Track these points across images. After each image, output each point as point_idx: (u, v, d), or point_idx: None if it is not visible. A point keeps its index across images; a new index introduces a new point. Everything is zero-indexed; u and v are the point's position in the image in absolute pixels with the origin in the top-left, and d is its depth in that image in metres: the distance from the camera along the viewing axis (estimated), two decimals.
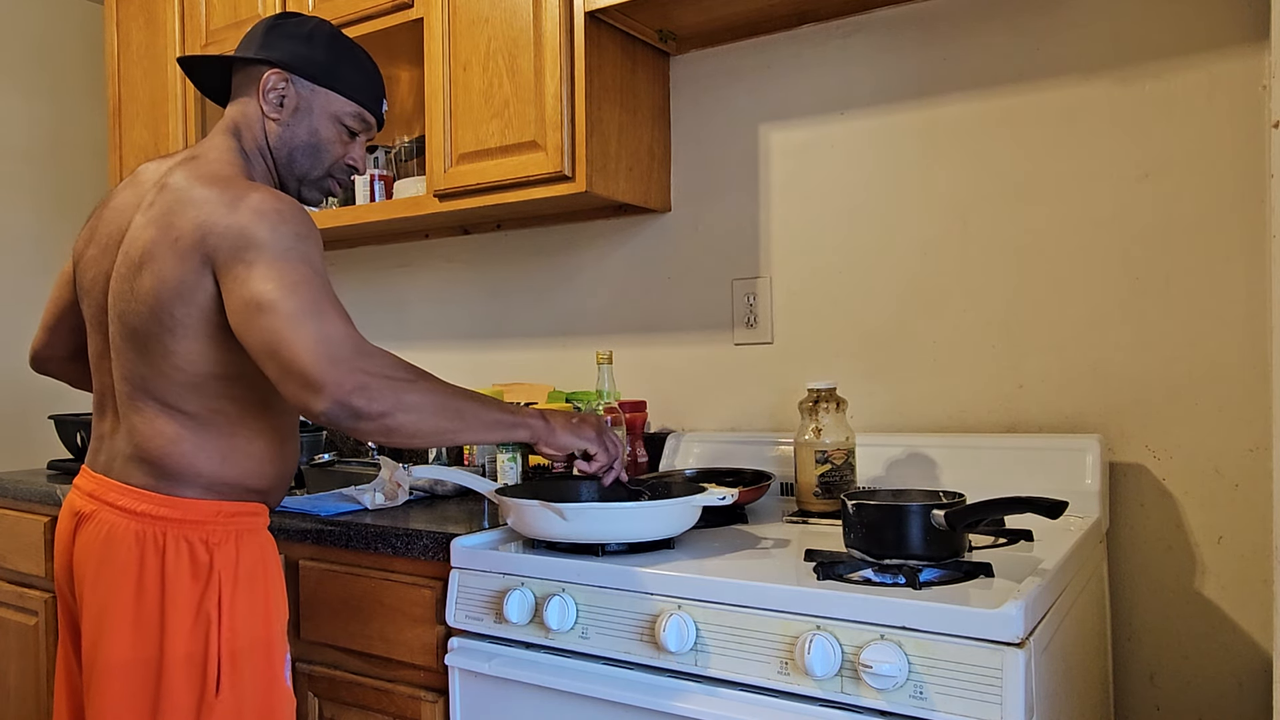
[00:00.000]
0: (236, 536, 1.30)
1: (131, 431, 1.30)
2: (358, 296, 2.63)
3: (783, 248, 1.96)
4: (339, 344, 1.14)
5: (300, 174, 1.41)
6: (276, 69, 1.35)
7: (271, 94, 1.35)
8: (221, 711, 1.26)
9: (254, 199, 1.22)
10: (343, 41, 1.41)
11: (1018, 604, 1.01)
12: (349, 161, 1.44)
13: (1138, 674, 1.61)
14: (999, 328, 1.73)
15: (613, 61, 1.91)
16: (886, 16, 1.84)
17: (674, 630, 1.17)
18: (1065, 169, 1.67)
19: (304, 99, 1.38)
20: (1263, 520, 1.52)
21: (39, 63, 3.04)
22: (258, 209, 1.21)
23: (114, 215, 1.35)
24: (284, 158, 1.39)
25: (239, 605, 1.28)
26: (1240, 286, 1.54)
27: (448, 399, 1.22)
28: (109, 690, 1.25)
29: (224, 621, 1.27)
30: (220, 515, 1.29)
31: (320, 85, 1.38)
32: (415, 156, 2.22)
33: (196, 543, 1.27)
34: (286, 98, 1.36)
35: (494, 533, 1.50)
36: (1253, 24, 1.53)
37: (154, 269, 1.23)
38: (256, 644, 1.30)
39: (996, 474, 1.61)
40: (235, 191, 1.24)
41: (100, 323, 1.34)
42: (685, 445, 1.97)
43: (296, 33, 1.38)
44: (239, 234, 1.20)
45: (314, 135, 1.39)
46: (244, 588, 1.29)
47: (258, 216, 1.20)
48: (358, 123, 1.42)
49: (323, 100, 1.39)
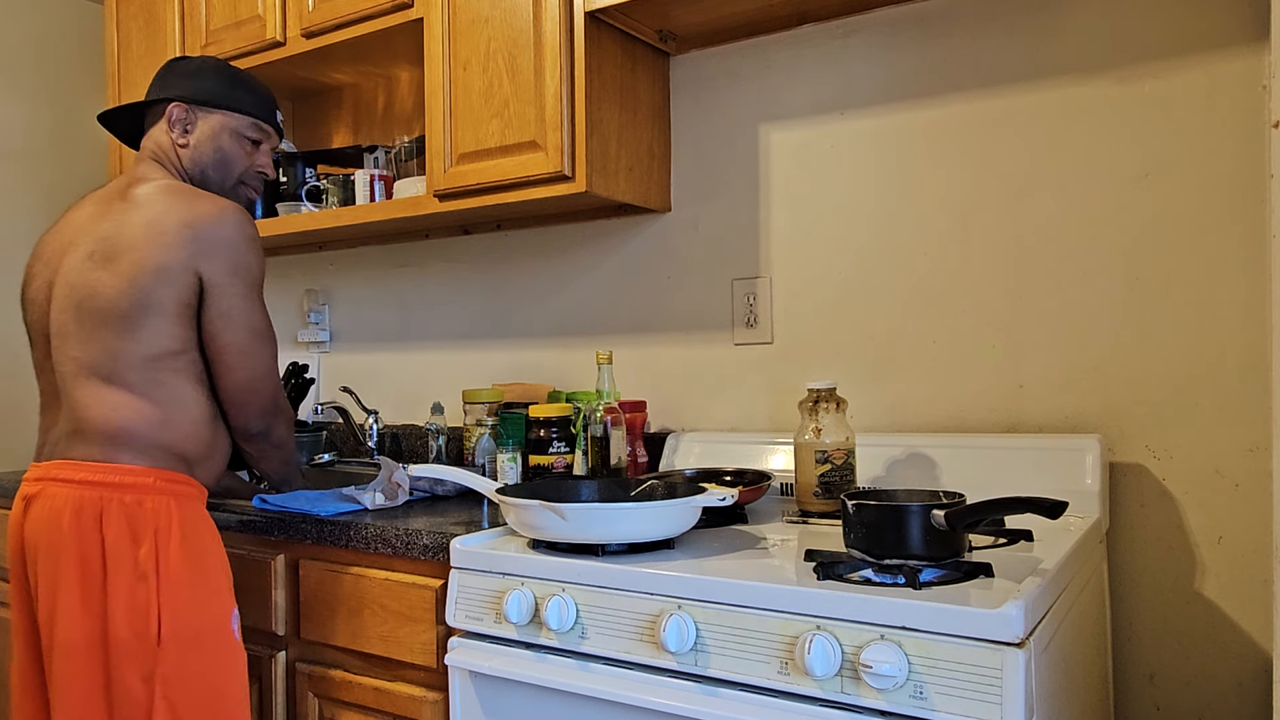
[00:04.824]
0: (173, 499, 1.41)
1: (73, 408, 1.43)
2: (358, 296, 2.63)
3: (783, 248, 1.96)
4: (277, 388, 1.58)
5: (216, 186, 1.63)
6: (177, 102, 1.60)
7: (177, 124, 1.60)
8: (166, 662, 1.35)
9: (232, 215, 1.49)
10: (228, 69, 1.66)
11: (1018, 604, 1.01)
12: (258, 169, 1.68)
13: (1138, 674, 1.61)
14: (999, 328, 1.73)
15: (613, 61, 1.91)
16: (886, 16, 1.84)
17: (674, 630, 1.17)
18: (1065, 169, 1.67)
19: (205, 122, 1.62)
20: (1263, 520, 1.52)
21: (39, 63, 3.04)
22: (240, 227, 1.50)
23: (59, 233, 1.54)
24: (198, 175, 1.62)
25: (176, 561, 1.38)
26: (1240, 286, 1.54)
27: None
28: (67, 664, 1.34)
29: (163, 576, 1.37)
30: (158, 479, 1.41)
31: (216, 108, 1.62)
32: (415, 156, 2.22)
33: (133, 505, 1.38)
34: (190, 124, 1.61)
35: (494, 533, 1.50)
36: (1253, 24, 1.53)
37: (133, 257, 1.43)
38: (199, 597, 1.39)
39: (996, 474, 1.61)
40: (213, 202, 1.50)
41: (42, 327, 1.51)
42: (685, 445, 1.97)
43: (186, 69, 1.64)
44: (231, 249, 1.48)
45: (219, 151, 1.63)
46: (181, 545, 1.39)
47: (244, 238, 1.50)
48: (256, 133, 1.66)
49: (219, 120, 1.63)
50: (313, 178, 2.40)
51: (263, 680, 1.72)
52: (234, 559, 1.75)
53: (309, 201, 2.36)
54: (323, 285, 2.71)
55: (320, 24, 2.17)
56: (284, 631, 1.71)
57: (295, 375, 2.44)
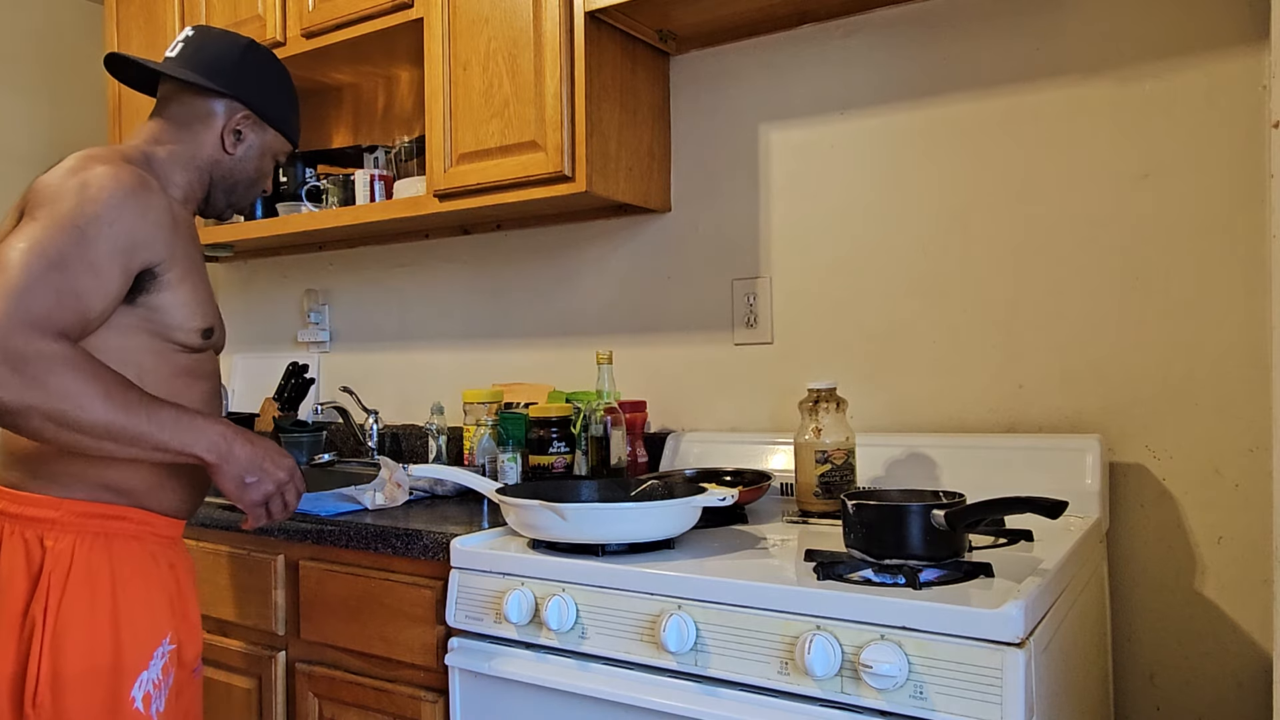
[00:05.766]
0: (79, 538, 1.20)
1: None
2: (358, 297, 2.63)
3: (783, 248, 1.96)
4: (18, 314, 1.07)
5: (236, 199, 1.47)
6: (249, 111, 1.41)
7: (232, 135, 1.41)
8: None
9: (91, 171, 1.19)
10: (289, 81, 1.48)
11: (1018, 604, 1.01)
12: (267, 187, 1.53)
13: (1138, 674, 1.61)
14: (999, 328, 1.73)
15: (613, 61, 1.91)
16: (886, 16, 1.84)
17: (674, 630, 1.17)
18: (1065, 169, 1.67)
19: (258, 138, 1.44)
20: (1263, 520, 1.52)
21: (39, 63, 3.04)
22: (81, 174, 1.18)
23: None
24: (226, 184, 1.43)
25: (69, 617, 1.17)
26: (1240, 286, 1.54)
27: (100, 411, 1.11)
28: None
29: (48, 635, 1.16)
30: (66, 512, 1.20)
31: (273, 128, 1.45)
32: (415, 156, 2.22)
33: (33, 541, 1.19)
34: (245, 138, 1.42)
35: (494, 533, 1.50)
36: (1253, 24, 1.53)
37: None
38: (93, 667, 1.18)
39: (996, 474, 1.61)
40: (80, 163, 1.21)
41: None
42: (685, 445, 1.97)
43: (255, 62, 1.42)
44: (41, 192, 1.18)
45: (258, 171, 1.47)
46: (77, 597, 1.18)
47: (79, 184, 1.17)
48: (284, 157, 1.52)
49: (270, 140, 1.46)
50: (313, 178, 2.40)
51: (263, 680, 1.72)
52: (234, 559, 1.75)
53: (309, 201, 2.36)
54: (323, 285, 2.71)
55: (320, 24, 2.17)
56: (284, 631, 1.71)
57: (295, 375, 2.44)
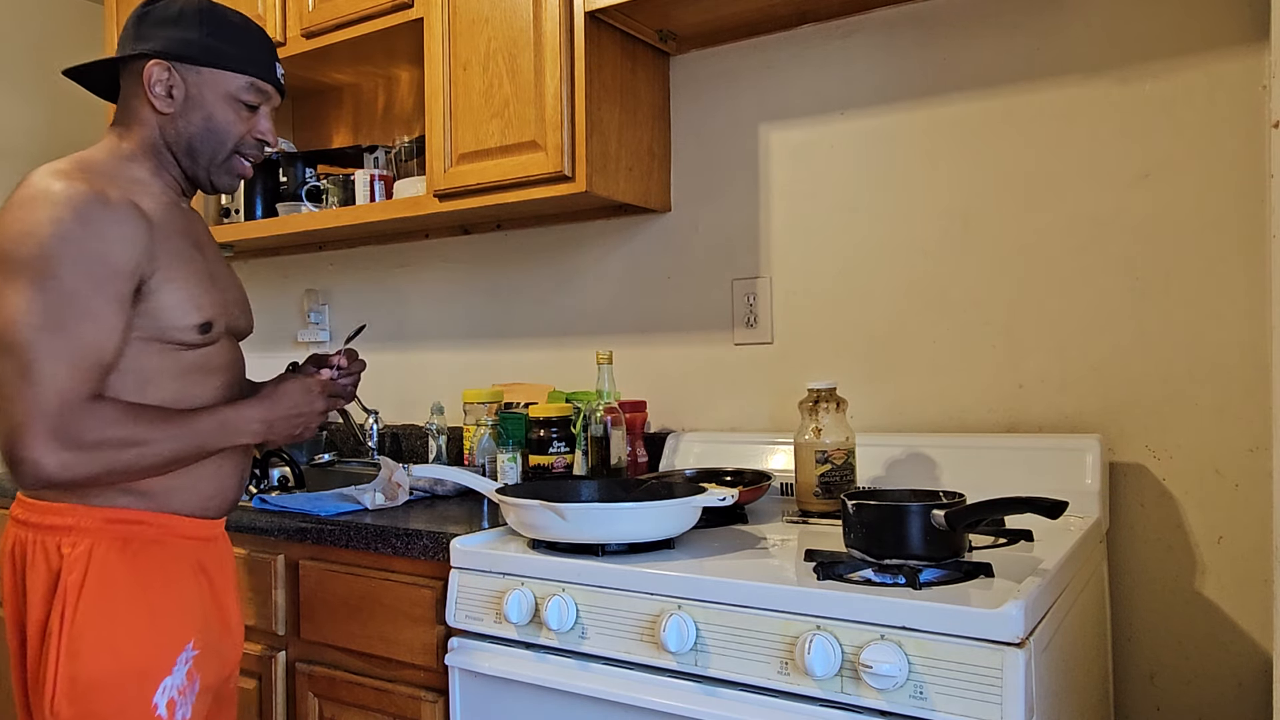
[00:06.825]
0: (96, 543, 1.20)
1: None
2: (358, 297, 2.63)
3: (783, 248, 1.96)
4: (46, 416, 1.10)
5: (205, 162, 1.32)
6: (156, 59, 1.26)
7: (157, 86, 1.27)
8: None
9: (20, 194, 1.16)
10: (216, 13, 1.30)
11: (1018, 604, 1.01)
12: (257, 135, 1.35)
13: (1138, 674, 1.61)
14: (999, 328, 1.73)
15: (613, 62, 1.91)
16: (886, 16, 1.84)
17: (674, 630, 1.17)
18: (1065, 169, 1.67)
19: (192, 84, 1.28)
20: (1263, 520, 1.52)
21: (39, 63, 3.04)
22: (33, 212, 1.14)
23: None
24: (184, 150, 1.30)
25: (85, 622, 1.17)
26: (1240, 286, 1.54)
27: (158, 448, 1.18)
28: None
29: (64, 641, 1.16)
30: (84, 518, 1.20)
31: (204, 66, 1.28)
32: (415, 156, 2.22)
33: (52, 549, 1.19)
34: (174, 87, 1.28)
35: (494, 533, 1.50)
36: (1253, 24, 1.53)
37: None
38: (113, 674, 1.17)
39: (996, 474, 1.61)
40: (26, 187, 1.17)
41: None
42: (685, 445, 1.97)
43: (164, 16, 1.28)
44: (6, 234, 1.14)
45: (209, 120, 1.30)
46: (94, 602, 1.18)
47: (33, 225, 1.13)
48: (254, 95, 1.32)
49: (210, 81, 1.29)
50: (313, 178, 2.40)
51: (263, 680, 1.72)
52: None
53: (309, 201, 2.36)
54: (323, 285, 2.71)
55: (320, 24, 2.17)
56: (284, 631, 1.71)
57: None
